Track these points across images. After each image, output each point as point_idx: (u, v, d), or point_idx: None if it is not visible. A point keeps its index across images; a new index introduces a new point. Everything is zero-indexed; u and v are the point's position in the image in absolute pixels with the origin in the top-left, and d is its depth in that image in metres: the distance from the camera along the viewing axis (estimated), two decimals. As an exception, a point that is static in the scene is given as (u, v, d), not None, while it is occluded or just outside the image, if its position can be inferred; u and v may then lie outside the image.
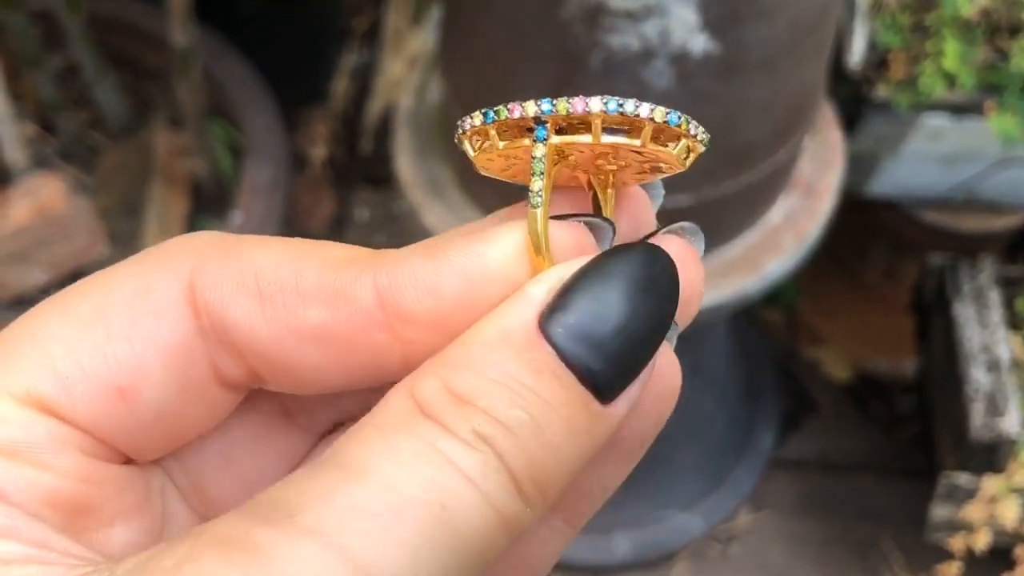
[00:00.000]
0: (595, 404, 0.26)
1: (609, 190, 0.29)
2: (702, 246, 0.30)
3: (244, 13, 1.56)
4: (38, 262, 1.26)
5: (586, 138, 0.27)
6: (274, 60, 1.49)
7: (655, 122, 0.27)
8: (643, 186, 0.30)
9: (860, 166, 1.28)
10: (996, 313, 1.28)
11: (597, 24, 0.88)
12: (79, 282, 0.28)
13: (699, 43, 0.89)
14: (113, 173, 1.39)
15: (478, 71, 1.01)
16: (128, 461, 0.28)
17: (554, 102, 0.27)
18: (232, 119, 1.41)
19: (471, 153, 0.28)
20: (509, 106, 0.27)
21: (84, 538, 0.27)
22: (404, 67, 1.38)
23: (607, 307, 0.26)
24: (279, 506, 0.24)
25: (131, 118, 1.42)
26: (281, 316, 0.27)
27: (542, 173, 0.27)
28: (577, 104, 0.26)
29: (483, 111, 0.27)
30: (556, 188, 0.28)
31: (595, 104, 0.26)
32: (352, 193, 1.67)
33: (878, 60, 1.22)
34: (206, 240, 0.28)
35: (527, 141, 0.27)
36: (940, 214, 1.37)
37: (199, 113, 1.33)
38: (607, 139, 0.27)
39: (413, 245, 0.28)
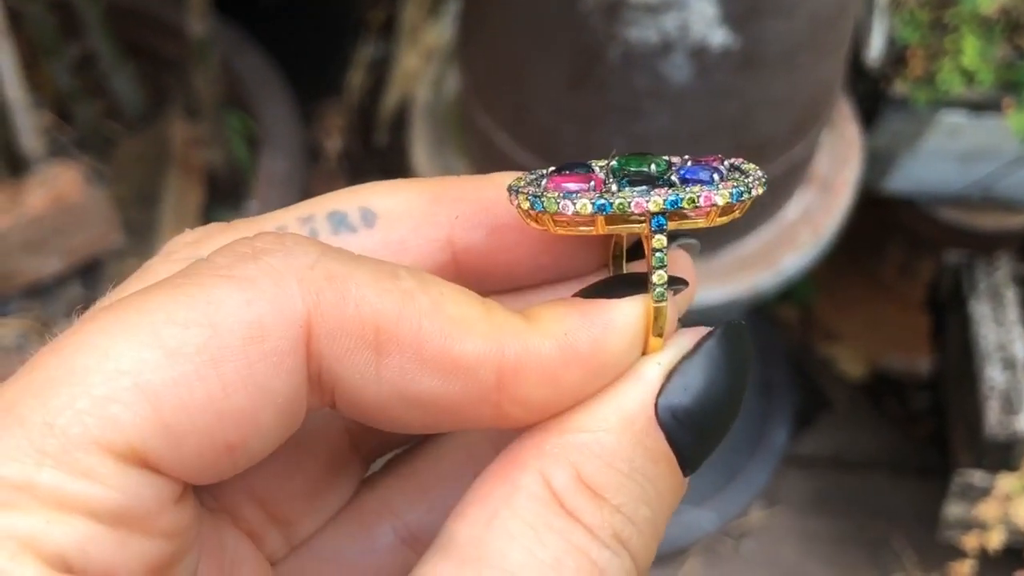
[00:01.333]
0: (681, 476, 0.27)
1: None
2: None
3: (262, 5, 1.56)
4: (54, 251, 1.26)
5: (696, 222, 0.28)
6: (291, 52, 1.50)
7: (719, 207, 0.27)
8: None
9: (877, 162, 1.28)
10: (1012, 311, 1.27)
11: (616, 17, 0.88)
12: (163, 291, 0.24)
13: (718, 37, 0.88)
14: (129, 163, 1.39)
15: (495, 64, 1.01)
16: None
17: (672, 200, 0.27)
18: (248, 110, 1.41)
19: (551, 226, 0.28)
20: (632, 203, 0.27)
21: None
22: (420, 60, 1.38)
23: (712, 390, 0.27)
24: None
25: (148, 108, 1.43)
26: (396, 379, 0.25)
27: (663, 266, 0.27)
28: (638, 206, 0.27)
29: (595, 202, 0.27)
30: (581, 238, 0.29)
31: (654, 203, 0.27)
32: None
33: (896, 56, 1.22)
34: (316, 264, 0.25)
35: (635, 227, 0.27)
36: (957, 211, 1.37)
37: (216, 104, 1.33)
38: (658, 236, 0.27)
39: (543, 305, 0.27)
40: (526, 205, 0.27)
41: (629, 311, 0.27)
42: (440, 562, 0.24)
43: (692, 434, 0.26)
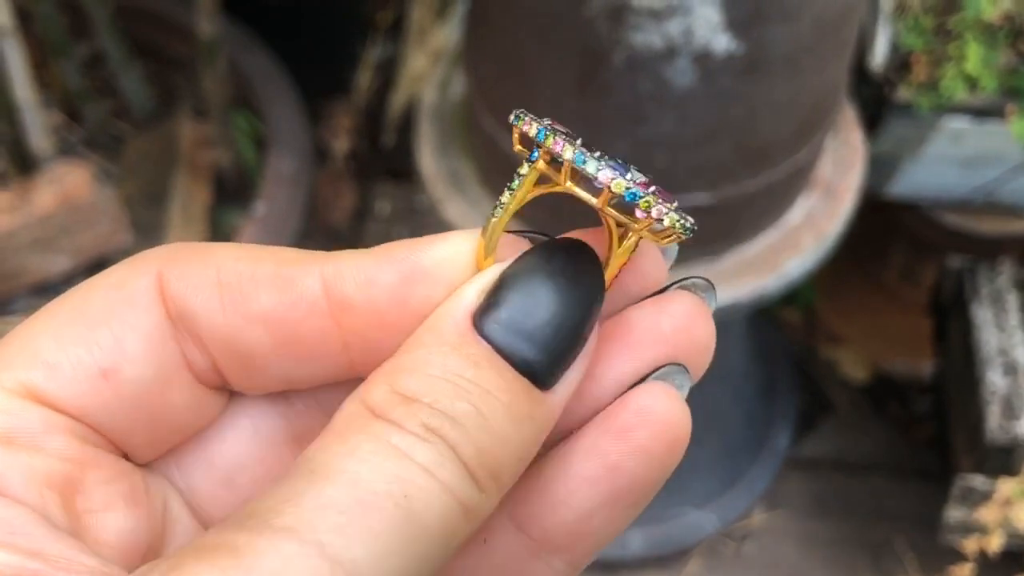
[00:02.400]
0: (535, 391, 0.28)
1: (620, 242, 0.30)
2: (714, 301, 0.31)
3: (270, 6, 1.57)
4: (62, 249, 1.27)
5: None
6: (298, 53, 1.50)
7: (611, 192, 0.28)
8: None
9: (880, 167, 1.28)
10: (1014, 316, 1.28)
11: (621, 22, 0.88)
12: (62, 295, 0.30)
13: (722, 42, 0.89)
14: (137, 162, 1.40)
15: (501, 66, 1.02)
16: (125, 457, 0.30)
17: (547, 133, 0.29)
18: (256, 111, 1.42)
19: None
20: (601, 174, 0.28)
21: (82, 524, 0.28)
22: (428, 61, 1.38)
23: (536, 300, 0.28)
24: (255, 514, 0.25)
25: (156, 108, 1.43)
26: (237, 301, 0.29)
27: (512, 189, 0.29)
28: (555, 146, 0.29)
29: (576, 154, 0.29)
30: (586, 229, 0.30)
31: (568, 152, 0.28)
32: (374, 186, 1.68)
33: (900, 62, 1.22)
34: (175, 246, 0.30)
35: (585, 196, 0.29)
36: (960, 216, 1.37)
37: (224, 104, 1.34)
38: (577, 191, 0.29)
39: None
40: (532, 131, 0.29)
41: (452, 239, 0.29)
42: (274, 483, 0.26)
43: (529, 343, 0.28)
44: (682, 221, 0.29)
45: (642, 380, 0.30)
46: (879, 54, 1.21)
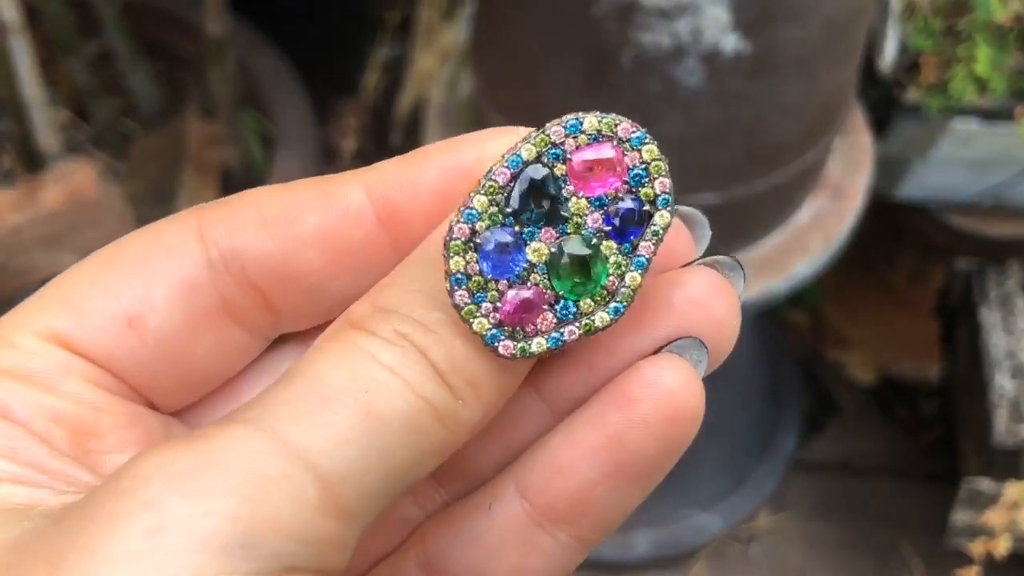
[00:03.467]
0: None
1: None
2: (741, 283, 0.31)
3: (278, 5, 1.57)
4: (68, 247, 1.27)
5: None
6: (307, 52, 1.50)
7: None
8: (684, 217, 0.31)
9: (889, 169, 1.28)
10: (1022, 320, 1.27)
11: (629, 21, 0.88)
12: (104, 246, 0.31)
13: (731, 42, 0.89)
14: (145, 160, 1.40)
15: (509, 66, 1.01)
16: (152, 406, 0.31)
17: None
18: (264, 110, 1.42)
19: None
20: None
21: (90, 460, 0.28)
22: (435, 61, 1.38)
23: None
24: (233, 413, 0.26)
25: (164, 106, 1.43)
26: (283, 227, 0.29)
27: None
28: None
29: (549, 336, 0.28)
30: None
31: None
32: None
33: (910, 63, 1.22)
34: (214, 201, 0.31)
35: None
36: (968, 219, 1.37)
37: (231, 103, 1.34)
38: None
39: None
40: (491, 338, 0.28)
41: (492, 135, 0.30)
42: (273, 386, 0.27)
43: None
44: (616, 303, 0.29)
45: (657, 352, 0.29)
46: (888, 55, 1.21)
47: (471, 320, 0.27)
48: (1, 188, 1.26)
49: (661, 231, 0.28)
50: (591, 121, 0.29)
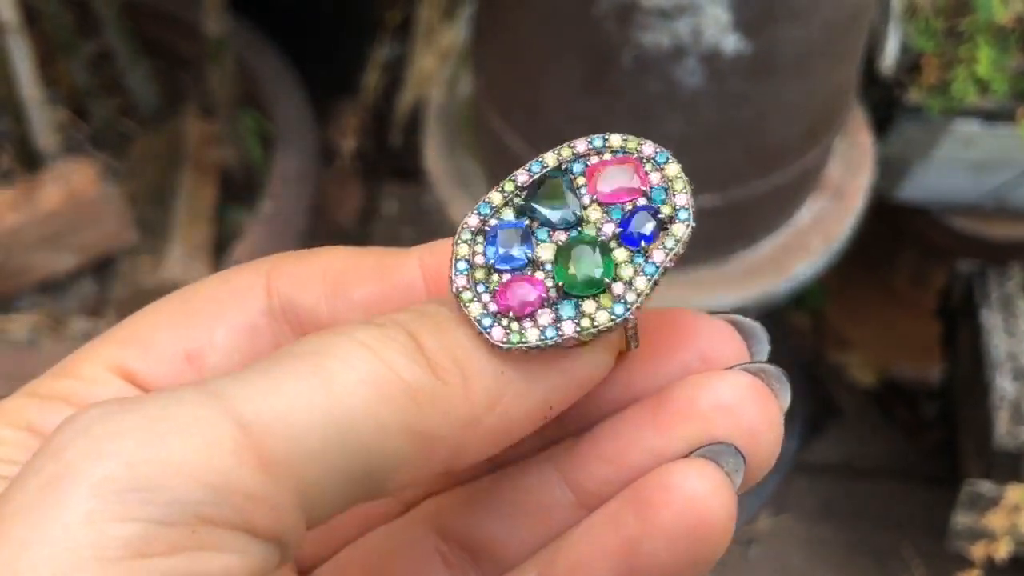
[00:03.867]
0: None
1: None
2: (786, 395, 0.29)
3: (278, 4, 1.57)
4: (67, 247, 1.27)
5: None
6: (306, 51, 1.50)
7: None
8: (741, 328, 0.30)
9: (890, 170, 1.27)
10: (1023, 322, 1.27)
11: (629, 21, 0.88)
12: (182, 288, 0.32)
13: (731, 42, 0.88)
14: (144, 160, 1.40)
15: (508, 66, 1.01)
16: None
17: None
18: (263, 109, 1.42)
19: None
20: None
21: None
22: (435, 61, 1.38)
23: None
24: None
25: (163, 106, 1.43)
26: (339, 292, 0.30)
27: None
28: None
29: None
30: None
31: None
32: (381, 186, 1.67)
33: (911, 64, 1.22)
34: (287, 253, 0.32)
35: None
36: (969, 220, 1.37)
37: (231, 102, 1.34)
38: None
39: None
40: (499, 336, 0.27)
41: None
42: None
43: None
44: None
45: (688, 456, 0.28)
46: (889, 56, 1.20)
47: (468, 305, 0.27)
48: (-1, 188, 1.26)
49: (677, 242, 0.28)
50: (616, 139, 0.29)
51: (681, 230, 0.28)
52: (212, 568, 0.22)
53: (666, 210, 0.28)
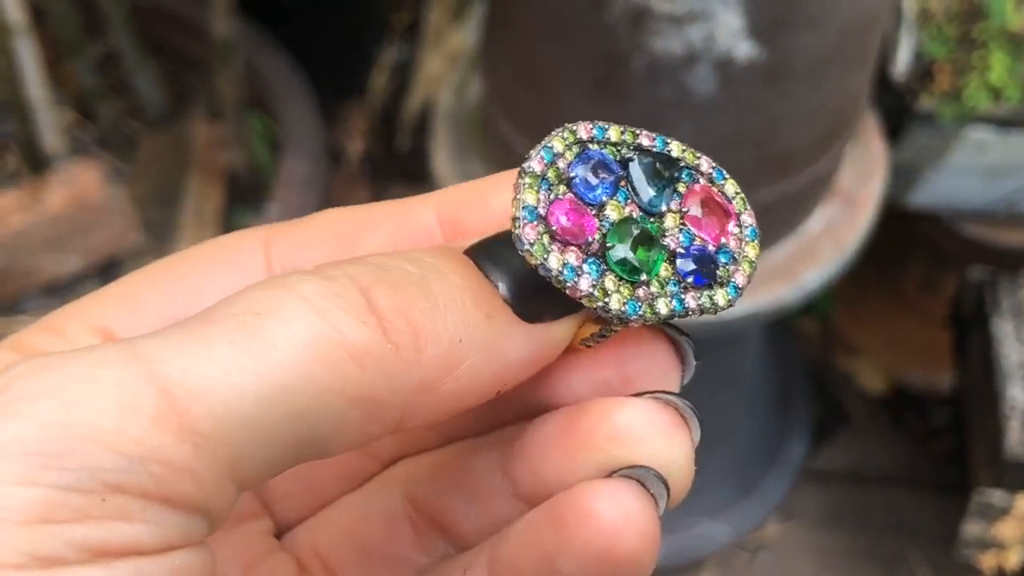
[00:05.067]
0: (489, 287, 0.27)
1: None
2: (697, 433, 0.29)
3: (286, 6, 1.56)
4: (73, 249, 1.26)
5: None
6: (314, 54, 1.49)
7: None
8: (674, 342, 0.30)
9: (902, 177, 1.27)
10: (1035, 330, 1.26)
11: (641, 27, 0.87)
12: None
13: (744, 49, 0.88)
14: (150, 162, 1.39)
15: (519, 70, 1.01)
16: None
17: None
18: (270, 112, 1.41)
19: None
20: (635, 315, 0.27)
21: None
22: (444, 64, 1.37)
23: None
24: None
25: (170, 108, 1.43)
26: (352, 243, 0.29)
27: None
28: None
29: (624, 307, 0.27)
30: None
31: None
32: (388, 189, 1.67)
33: (923, 71, 1.21)
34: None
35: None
36: (981, 227, 1.36)
37: (238, 105, 1.33)
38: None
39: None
40: (532, 263, 0.27)
41: None
42: None
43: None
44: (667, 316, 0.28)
45: (611, 476, 0.27)
46: (902, 63, 1.20)
47: (546, 257, 0.26)
48: (6, 189, 1.25)
49: (712, 305, 0.28)
50: (676, 147, 0.29)
51: (721, 300, 0.28)
52: (121, 538, 0.22)
53: (722, 274, 0.28)
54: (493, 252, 0.27)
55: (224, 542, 0.31)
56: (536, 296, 0.27)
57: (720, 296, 0.28)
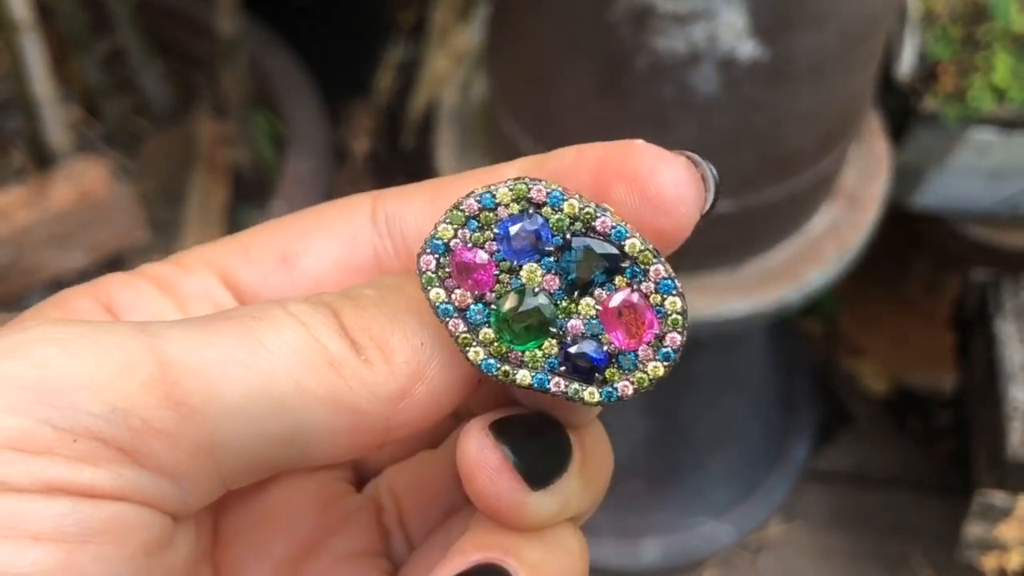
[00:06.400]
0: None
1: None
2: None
3: (292, 5, 1.57)
4: (78, 245, 1.27)
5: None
6: (320, 52, 1.50)
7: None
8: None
9: (905, 178, 1.27)
10: (1038, 331, 1.26)
11: (644, 26, 0.87)
12: None
13: (747, 49, 0.88)
14: (156, 159, 1.39)
15: (522, 70, 1.01)
16: None
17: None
18: (276, 110, 1.41)
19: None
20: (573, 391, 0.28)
21: None
22: (449, 63, 1.37)
23: None
24: None
25: (176, 105, 1.43)
26: (444, 202, 0.29)
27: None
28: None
29: (534, 375, 0.28)
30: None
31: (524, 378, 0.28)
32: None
33: (927, 72, 1.21)
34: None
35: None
36: (984, 229, 1.36)
37: (243, 103, 1.34)
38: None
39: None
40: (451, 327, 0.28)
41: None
42: None
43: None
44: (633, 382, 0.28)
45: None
46: (906, 63, 1.20)
47: (466, 349, 0.28)
48: (12, 186, 1.26)
49: (576, 394, 0.28)
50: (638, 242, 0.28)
51: (588, 397, 0.28)
52: (76, 478, 0.23)
53: (608, 376, 0.28)
54: None
55: (302, 485, 0.33)
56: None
57: (587, 394, 0.28)
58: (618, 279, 0.28)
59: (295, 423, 0.26)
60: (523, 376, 0.28)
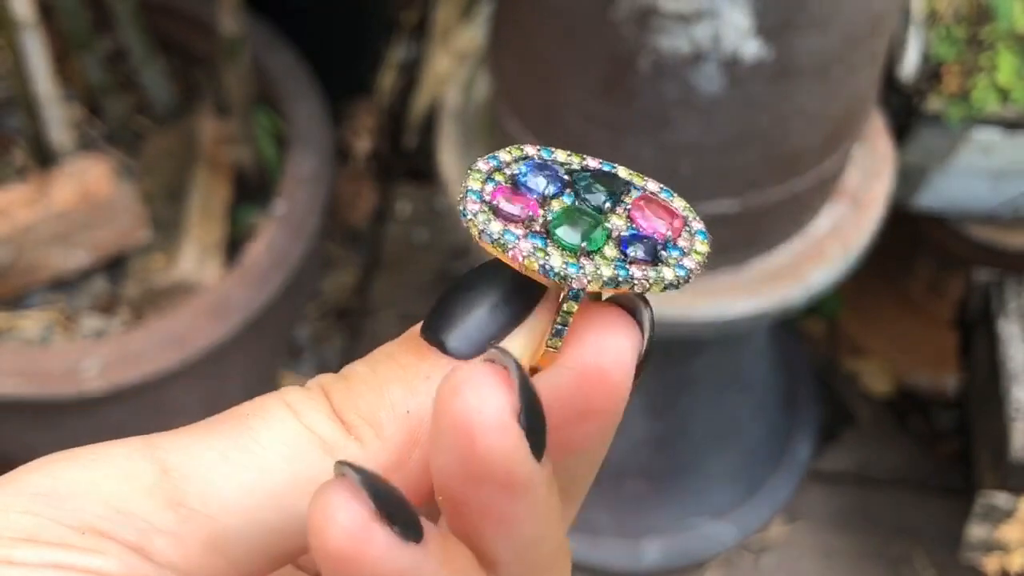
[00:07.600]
0: (439, 355, 0.28)
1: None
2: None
3: (294, 4, 1.57)
4: (81, 244, 1.27)
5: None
6: (322, 51, 1.49)
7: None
8: (624, 301, 0.30)
9: (908, 178, 1.27)
10: (1041, 332, 1.26)
11: (647, 26, 0.87)
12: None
13: (751, 48, 0.88)
14: (158, 158, 1.39)
15: (525, 69, 1.01)
16: None
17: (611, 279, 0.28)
18: (278, 109, 1.41)
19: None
20: (572, 279, 0.28)
21: None
22: (452, 62, 1.37)
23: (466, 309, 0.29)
24: None
25: (178, 104, 1.43)
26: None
27: (563, 327, 0.28)
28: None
29: (540, 263, 0.28)
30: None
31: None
32: (394, 187, 1.67)
33: (931, 72, 1.21)
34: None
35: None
36: (987, 229, 1.36)
37: (245, 101, 1.33)
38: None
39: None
40: (475, 232, 0.28)
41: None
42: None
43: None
44: (679, 270, 0.28)
45: None
46: (909, 64, 1.20)
47: (488, 222, 0.28)
48: (13, 185, 1.26)
49: (657, 277, 0.28)
50: (623, 170, 0.30)
51: (669, 274, 0.28)
52: (89, 564, 0.25)
53: (670, 259, 0.29)
54: (435, 313, 0.29)
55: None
56: (471, 323, 0.28)
57: (668, 271, 0.28)
58: (627, 197, 0.29)
59: (297, 512, 0.27)
60: (607, 269, 0.27)
